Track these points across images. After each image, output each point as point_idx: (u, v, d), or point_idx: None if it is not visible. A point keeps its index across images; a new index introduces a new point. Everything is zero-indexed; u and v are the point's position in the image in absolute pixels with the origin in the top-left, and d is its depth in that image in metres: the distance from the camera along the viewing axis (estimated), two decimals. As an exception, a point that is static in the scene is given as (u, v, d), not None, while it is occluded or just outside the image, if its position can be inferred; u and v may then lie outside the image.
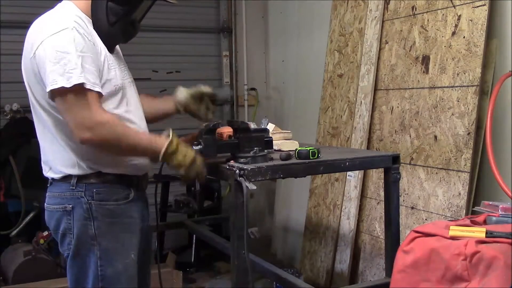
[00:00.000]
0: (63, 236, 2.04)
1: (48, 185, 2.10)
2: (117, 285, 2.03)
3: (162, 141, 2.01)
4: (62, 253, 2.10)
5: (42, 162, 2.12)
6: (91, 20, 2.01)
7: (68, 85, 1.83)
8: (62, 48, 1.86)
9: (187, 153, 2.06)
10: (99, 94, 1.92)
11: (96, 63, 1.93)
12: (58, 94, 1.87)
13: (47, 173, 2.09)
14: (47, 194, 2.10)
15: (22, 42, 2.05)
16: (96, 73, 1.92)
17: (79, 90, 1.86)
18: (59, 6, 2.06)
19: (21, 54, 2.05)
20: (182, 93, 2.44)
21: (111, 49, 2.07)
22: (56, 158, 2.03)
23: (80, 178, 2.00)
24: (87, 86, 1.87)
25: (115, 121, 1.95)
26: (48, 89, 1.87)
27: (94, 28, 2.00)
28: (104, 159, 2.01)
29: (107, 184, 2.02)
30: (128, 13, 2.03)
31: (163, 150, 1.99)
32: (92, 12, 2.01)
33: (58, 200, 2.03)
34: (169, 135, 2.02)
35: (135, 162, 2.09)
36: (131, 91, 2.15)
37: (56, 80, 1.84)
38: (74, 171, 2.00)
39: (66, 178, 2.02)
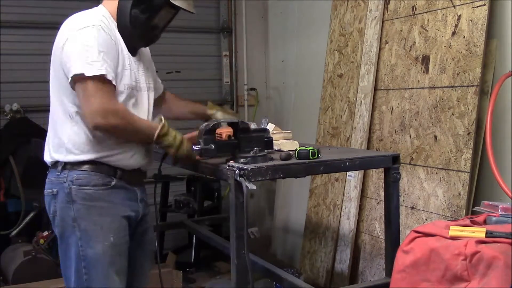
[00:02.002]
0: (53, 218, 2.23)
1: (47, 171, 2.28)
2: (98, 266, 2.16)
3: (157, 125, 2.22)
4: (56, 234, 2.27)
5: (45, 146, 2.29)
6: (116, 23, 2.22)
7: (88, 74, 2.02)
8: (86, 42, 2.06)
9: (176, 136, 2.25)
10: (114, 87, 2.11)
11: (114, 61, 2.13)
12: (79, 81, 2.05)
13: (45, 157, 2.27)
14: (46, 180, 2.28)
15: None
16: (113, 68, 2.11)
17: (98, 80, 2.04)
18: (93, 8, 2.26)
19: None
20: (219, 116, 2.68)
21: (132, 52, 2.26)
22: (52, 142, 2.23)
23: (65, 165, 2.18)
24: (107, 77, 2.06)
25: (125, 110, 2.15)
26: (70, 75, 2.05)
27: (118, 30, 2.20)
28: (92, 148, 2.17)
29: (87, 171, 2.17)
30: (149, 19, 2.23)
31: (156, 132, 2.19)
32: (117, 15, 2.21)
33: (49, 185, 2.23)
34: (161, 120, 2.23)
35: (120, 157, 2.22)
36: (144, 97, 2.31)
37: (78, 68, 2.03)
38: (61, 157, 2.18)
39: (55, 164, 2.21)
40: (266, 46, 5.42)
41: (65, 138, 2.17)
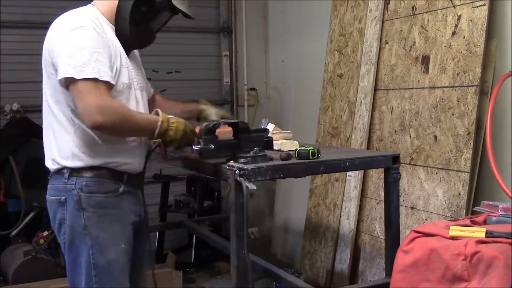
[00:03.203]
0: (59, 226, 2.18)
1: (49, 177, 2.23)
2: (109, 273, 2.13)
3: (156, 119, 2.15)
4: (59, 242, 2.22)
5: (45, 153, 2.24)
6: (109, 23, 2.19)
7: (78, 77, 1.98)
8: (78, 43, 2.03)
9: (178, 127, 2.18)
10: (109, 84, 2.06)
11: (109, 58, 2.08)
12: (71, 83, 2.01)
13: (47, 163, 2.22)
14: (48, 187, 2.23)
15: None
16: (108, 64, 2.07)
17: (90, 81, 2.00)
18: (82, 7, 2.21)
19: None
20: (212, 115, 2.63)
21: (127, 53, 2.24)
22: (56, 149, 2.16)
23: (72, 171, 2.13)
24: (100, 79, 2.02)
25: (121, 105, 2.10)
26: (59, 77, 2.02)
27: (115, 30, 2.18)
28: (97, 152, 2.13)
29: (96, 178, 2.14)
30: (149, 21, 2.24)
31: (156, 131, 2.13)
32: (116, 16, 2.18)
33: (54, 192, 2.17)
34: (158, 114, 2.16)
35: (122, 161, 2.19)
36: (139, 96, 2.28)
37: (68, 71, 1.99)
38: (68, 163, 2.13)
39: (60, 171, 2.15)
40: (266, 46, 5.43)
41: (70, 143, 2.12)
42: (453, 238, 2.00)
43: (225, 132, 2.36)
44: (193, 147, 2.29)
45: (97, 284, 2.11)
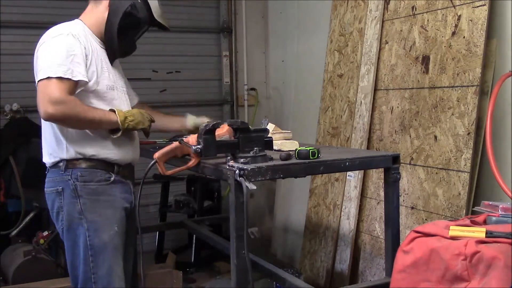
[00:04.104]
0: (57, 214, 2.41)
1: (46, 171, 2.47)
2: (104, 253, 2.38)
3: (113, 113, 2.36)
4: (58, 230, 2.45)
5: (43, 149, 2.48)
6: (93, 34, 2.44)
7: (53, 75, 2.19)
8: (55, 48, 2.27)
9: (135, 112, 2.43)
10: (75, 82, 2.26)
11: (84, 60, 2.31)
12: (45, 81, 2.21)
13: (44, 158, 2.45)
14: (46, 180, 2.47)
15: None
16: (83, 65, 2.29)
17: (60, 80, 2.21)
18: (69, 22, 2.45)
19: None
20: (191, 122, 2.89)
21: (111, 61, 2.50)
22: (51, 143, 2.40)
23: (67, 163, 2.37)
24: (73, 79, 2.24)
25: (77, 101, 2.26)
26: (37, 79, 2.23)
27: (104, 42, 2.45)
28: (89, 145, 2.37)
29: (89, 168, 2.39)
30: (131, 35, 2.53)
31: (118, 118, 2.34)
32: (106, 28, 2.43)
33: (52, 184, 2.42)
34: (113, 110, 2.37)
35: (111, 151, 2.42)
36: (123, 98, 2.53)
37: (45, 72, 2.21)
38: (63, 155, 2.36)
39: (57, 164, 2.39)
40: (266, 46, 5.43)
41: (64, 137, 2.36)
42: (453, 238, 1.99)
43: (222, 133, 2.37)
44: (193, 147, 2.30)
45: (93, 263, 2.36)
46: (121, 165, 2.48)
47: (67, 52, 2.25)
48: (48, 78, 2.19)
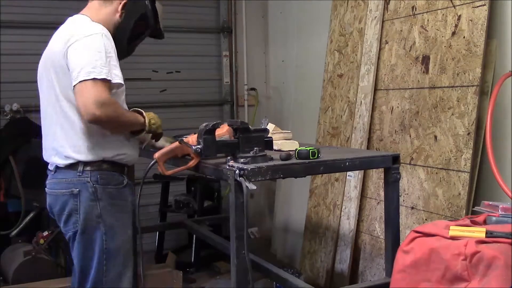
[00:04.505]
0: (69, 216, 2.35)
1: (52, 172, 2.39)
2: (117, 258, 2.37)
3: (140, 115, 2.42)
4: (65, 232, 2.41)
5: (46, 148, 2.42)
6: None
7: (98, 77, 2.17)
8: (94, 49, 2.22)
9: (153, 115, 2.46)
10: (113, 84, 2.25)
11: (118, 62, 2.32)
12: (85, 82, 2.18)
13: (52, 158, 2.38)
14: (51, 181, 2.40)
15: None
16: (118, 67, 2.29)
17: (101, 81, 2.19)
18: (77, 17, 2.43)
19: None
20: (162, 142, 2.81)
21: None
22: (68, 144, 2.32)
23: (86, 165, 2.32)
24: (113, 82, 2.24)
25: (117, 103, 2.28)
26: (79, 80, 2.17)
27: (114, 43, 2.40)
28: (109, 147, 2.34)
29: (107, 171, 2.36)
30: (140, 39, 2.58)
31: (146, 120, 2.40)
32: (118, 30, 2.43)
33: (64, 185, 2.34)
34: (138, 110, 2.43)
35: (126, 153, 2.41)
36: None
37: (89, 73, 2.16)
38: (82, 157, 2.31)
39: (73, 165, 2.33)
40: (266, 46, 5.43)
41: (83, 138, 2.31)
42: (453, 238, 2.00)
43: (222, 133, 2.37)
44: (193, 147, 2.30)
45: (106, 266, 2.35)
46: (129, 166, 2.49)
47: (106, 53, 2.23)
48: (94, 79, 2.16)
